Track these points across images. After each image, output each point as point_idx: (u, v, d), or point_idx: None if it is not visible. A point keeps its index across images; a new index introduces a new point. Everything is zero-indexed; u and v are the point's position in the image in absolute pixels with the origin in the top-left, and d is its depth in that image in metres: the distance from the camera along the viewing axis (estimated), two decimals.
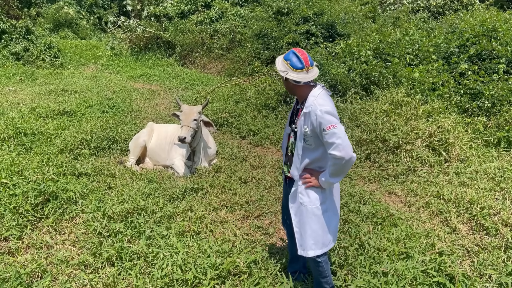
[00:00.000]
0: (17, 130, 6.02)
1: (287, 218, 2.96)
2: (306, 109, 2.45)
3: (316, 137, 2.44)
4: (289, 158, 2.71)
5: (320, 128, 2.34)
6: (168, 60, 15.60)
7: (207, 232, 3.81)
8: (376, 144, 5.79)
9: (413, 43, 8.97)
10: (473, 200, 4.20)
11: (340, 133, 2.30)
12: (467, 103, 6.77)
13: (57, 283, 3.02)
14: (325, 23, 11.88)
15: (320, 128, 2.35)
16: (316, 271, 2.73)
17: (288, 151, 2.72)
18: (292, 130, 2.64)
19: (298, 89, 2.54)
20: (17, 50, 14.12)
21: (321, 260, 2.64)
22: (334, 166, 2.37)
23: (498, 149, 5.76)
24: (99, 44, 17.54)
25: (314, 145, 2.48)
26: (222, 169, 5.45)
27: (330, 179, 2.44)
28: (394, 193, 4.80)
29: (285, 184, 2.93)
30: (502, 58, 7.51)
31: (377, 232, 3.72)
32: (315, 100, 2.41)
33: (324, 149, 2.45)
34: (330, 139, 2.31)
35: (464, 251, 3.51)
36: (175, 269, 3.01)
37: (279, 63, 2.49)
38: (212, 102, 8.70)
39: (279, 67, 2.48)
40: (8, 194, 3.96)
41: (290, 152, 2.68)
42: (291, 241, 3.04)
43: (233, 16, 15.78)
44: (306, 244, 2.60)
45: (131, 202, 4.10)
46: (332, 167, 2.39)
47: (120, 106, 8.76)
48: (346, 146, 2.29)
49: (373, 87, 7.36)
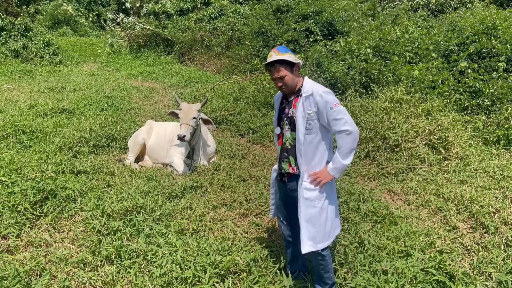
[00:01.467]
0: (16, 127, 6.01)
1: (283, 219, 2.95)
2: (306, 93, 2.54)
3: (317, 120, 2.53)
4: (288, 151, 2.69)
5: (327, 107, 2.46)
6: (167, 57, 15.58)
7: (206, 230, 3.80)
8: (375, 142, 5.78)
9: (413, 41, 8.96)
10: (473, 198, 4.20)
11: (344, 109, 2.47)
12: (467, 101, 6.76)
13: (56, 281, 3.00)
14: (325, 20, 11.86)
15: (327, 107, 2.46)
16: (320, 266, 2.73)
17: (285, 146, 2.71)
18: (287, 124, 2.66)
19: (298, 78, 2.63)
20: (15, 47, 14.09)
21: (325, 254, 2.66)
22: (346, 144, 2.45)
23: (498, 147, 5.76)
24: (98, 41, 17.51)
25: (314, 130, 2.54)
26: (222, 167, 5.44)
27: (344, 162, 2.48)
28: (394, 191, 4.80)
29: (280, 183, 2.88)
30: (501, 56, 7.50)
31: (377, 230, 3.71)
32: (313, 85, 2.57)
33: (321, 137, 2.56)
34: (338, 116, 2.44)
35: (464, 249, 3.50)
36: (175, 267, 3.00)
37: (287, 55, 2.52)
38: (211, 100, 8.68)
39: (290, 57, 2.51)
40: (7, 192, 3.94)
41: (290, 145, 2.68)
42: (289, 243, 3.01)
43: (233, 14, 15.75)
44: (315, 238, 2.59)
45: (130, 200, 4.09)
46: (344, 146, 2.46)
47: (119, 104, 8.74)
48: (352, 121, 2.47)
49: (372, 85, 7.35)
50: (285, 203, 2.92)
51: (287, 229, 2.96)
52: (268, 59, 2.56)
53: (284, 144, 2.71)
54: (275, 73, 2.56)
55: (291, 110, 2.64)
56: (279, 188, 2.93)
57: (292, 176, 2.72)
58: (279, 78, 2.56)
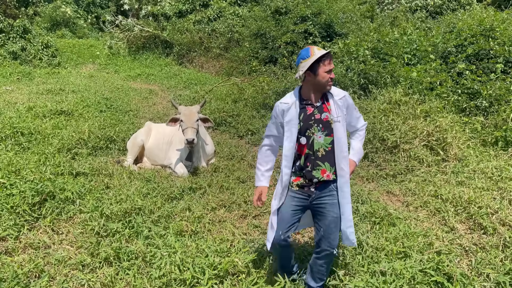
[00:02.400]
0: (14, 129, 6.00)
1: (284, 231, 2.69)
2: (338, 96, 2.66)
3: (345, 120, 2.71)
4: (323, 158, 2.61)
5: (353, 106, 2.75)
6: (166, 59, 15.58)
7: (205, 231, 3.80)
8: (374, 144, 5.79)
9: (411, 42, 8.97)
10: (471, 200, 4.21)
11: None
12: (465, 103, 6.77)
13: (54, 283, 3.00)
14: (323, 22, 11.88)
15: (352, 107, 2.75)
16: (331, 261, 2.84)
17: (317, 153, 2.60)
18: (319, 130, 2.59)
19: None
20: (14, 49, 14.07)
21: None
22: (363, 137, 2.91)
23: (496, 148, 5.76)
24: (97, 43, 17.52)
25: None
26: (220, 169, 5.44)
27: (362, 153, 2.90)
28: (392, 193, 4.80)
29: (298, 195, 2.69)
30: (499, 58, 7.52)
31: (375, 232, 3.72)
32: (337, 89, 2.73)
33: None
34: (358, 113, 2.83)
35: (462, 250, 3.51)
36: (173, 269, 3.00)
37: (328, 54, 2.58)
38: (210, 102, 8.69)
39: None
40: (5, 194, 3.94)
41: (324, 151, 2.60)
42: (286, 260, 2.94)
43: (231, 16, 15.76)
44: (347, 234, 2.70)
45: (129, 202, 4.09)
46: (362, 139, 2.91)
47: (118, 106, 8.74)
48: None
49: (371, 87, 7.36)
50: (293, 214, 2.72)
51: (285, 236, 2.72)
52: (317, 52, 2.52)
53: (316, 152, 2.61)
54: (332, 64, 2.56)
55: (324, 115, 2.60)
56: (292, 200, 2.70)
57: (323, 183, 2.65)
58: (330, 71, 2.56)
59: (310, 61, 2.50)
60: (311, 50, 2.54)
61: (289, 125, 2.64)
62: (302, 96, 2.68)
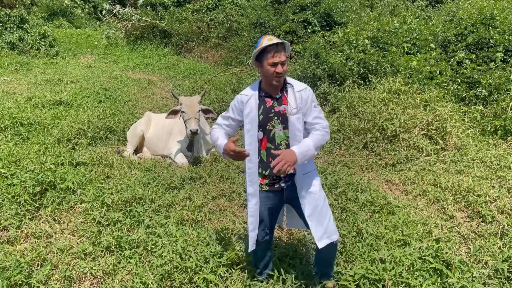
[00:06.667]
0: (14, 120, 5.99)
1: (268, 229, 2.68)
2: (298, 88, 2.51)
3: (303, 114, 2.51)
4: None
5: (312, 103, 2.51)
6: (165, 49, 15.47)
7: (206, 220, 3.83)
8: (373, 133, 5.80)
9: (411, 31, 8.93)
10: (470, 188, 4.23)
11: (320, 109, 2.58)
12: (465, 92, 6.77)
13: (57, 272, 3.03)
14: (323, 11, 11.80)
15: (311, 103, 2.51)
16: (333, 255, 2.71)
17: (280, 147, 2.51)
18: (279, 123, 2.48)
19: None
20: (11, 39, 13.94)
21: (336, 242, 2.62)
22: (322, 136, 2.48)
23: (495, 137, 5.78)
24: (95, 33, 17.35)
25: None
26: (220, 159, 5.45)
27: (315, 151, 2.42)
28: (392, 182, 4.83)
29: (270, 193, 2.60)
30: (499, 47, 7.50)
31: (375, 220, 3.74)
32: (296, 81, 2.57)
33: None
34: (318, 113, 2.51)
35: (461, 238, 3.54)
36: (175, 257, 3.03)
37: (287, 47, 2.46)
38: (209, 92, 8.67)
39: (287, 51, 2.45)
40: (6, 184, 3.95)
41: (285, 144, 2.51)
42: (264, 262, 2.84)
43: (230, 5, 15.63)
44: (329, 229, 2.52)
45: (129, 192, 4.11)
46: (321, 137, 2.47)
47: (117, 96, 8.71)
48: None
49: (370, 76, 7.34)
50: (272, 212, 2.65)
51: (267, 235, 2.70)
52: (265, 42, 2.38)
53: (279, 145, 2.51)
54: (280, 56, 2.37)
55: (282, 107, 2.48)
56: (267, 200, 2.61)
57: (290, 176, 2.57)
58: (281, 64, 2.38)
59: (256, 52, 2.43)
60: (262, 40, 2.42)
61: (249, 117, 2.51)
62: (262, 88, 2.57)
